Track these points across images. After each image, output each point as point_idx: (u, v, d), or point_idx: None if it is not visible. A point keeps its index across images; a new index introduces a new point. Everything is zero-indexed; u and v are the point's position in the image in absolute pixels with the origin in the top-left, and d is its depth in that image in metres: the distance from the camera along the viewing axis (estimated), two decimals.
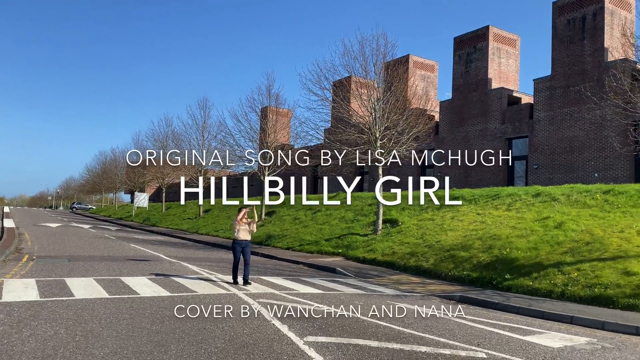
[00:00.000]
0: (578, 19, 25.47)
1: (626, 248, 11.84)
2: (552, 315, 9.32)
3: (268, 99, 29.92)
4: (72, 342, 5.88)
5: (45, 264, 13.01)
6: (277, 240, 22.18)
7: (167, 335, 6.36)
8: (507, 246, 13.65)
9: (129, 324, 6.89)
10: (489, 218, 16.44)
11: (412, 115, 20.35)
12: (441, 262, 14.36)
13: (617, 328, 8.49)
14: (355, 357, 5.72)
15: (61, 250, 17.13)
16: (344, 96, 22.33)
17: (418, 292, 11.54)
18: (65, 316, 7.18)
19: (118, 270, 12.49)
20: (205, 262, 15.45)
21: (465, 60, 30.87)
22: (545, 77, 26.21)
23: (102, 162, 71.75)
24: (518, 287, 11.68)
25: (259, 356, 5.63)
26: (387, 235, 18.40)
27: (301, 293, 10.22)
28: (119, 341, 6.00)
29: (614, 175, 22.96)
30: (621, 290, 10.28)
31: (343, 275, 13.99)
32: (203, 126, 36.86)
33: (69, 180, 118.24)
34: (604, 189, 15.93)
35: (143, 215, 46.80)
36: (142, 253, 17.40)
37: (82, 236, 24.20)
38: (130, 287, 9.87)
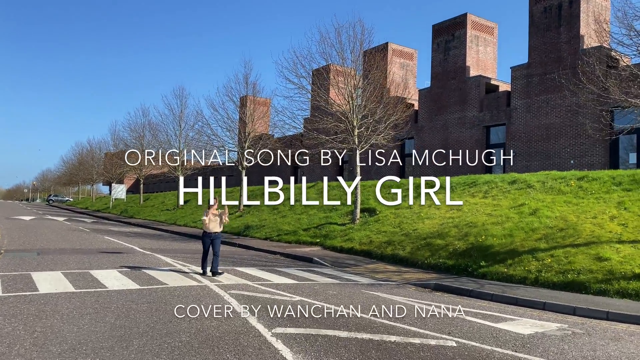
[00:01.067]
0: (554, 6, 25.53)
1: (599, 234, 11.93)
2: (525, 301, 9.33)
3: (246, 87, 29.56)
4: (30, 338, 5.66)
5: (13, 258, 12.65)
6: (255, 231, 21.99)
7: (130, 329, 6.17)
8: (482, 233, 13.68)
9: (92, 318, 6.68)
10: (466, 206, 16.47)
11: (390, 104, 20.25)
12: (417, 250, 14.34)
13: (588, 313, 8.53)
14: (322, 348, 5.61)
15: (32, 243, 16.72)
16: (322, 84, 22.11)
17: (394, 280, 11.49)
18: (26, 311, 6.93)
19: (88, 263, 12.19)
20: (180, 254, 15.21)
21: (443, 48, 30.82)
22: (522, 65, 26.29)
23: (79, 154, 70.60)
24: (493, 274, 11.71)
25: (224, 349, 5.48)
26: (365, 225, 18.34)
27: (275, 284, 10.08)
28: (80, 337, 5.79)
29: (589, 161, 23.19)
30: (593, 275, 10.35)
31: (319, 265, 13.89)
32: (180, 116, 36.31)
33: (46, 172, 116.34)
34: (578, 176, 16.05)
35: (121, 207, 46.13)
36: (116, 245, 17.07)
37: (55, 229, 23.70)
38: (99, 281, 9.62)
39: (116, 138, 52.54)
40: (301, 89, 21.10)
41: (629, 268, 10.25)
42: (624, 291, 9.69)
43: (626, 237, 11.56)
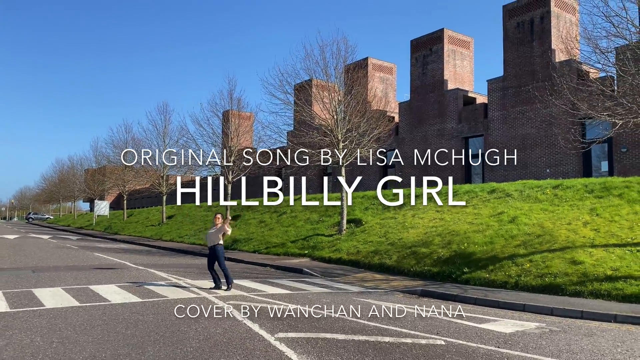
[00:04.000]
0: (527, 21, 26.66)
1: (573, 239, 12.67)
2: (506, 304, 9.96)
3: (230, 103, 30.02)
4: (50, 348, 6.06)
5: (9, 276, 12.88)
6: (243, 244, 22.37)
7: (142, 338, 6.60)
8: (465, 241, 14.34)
9: (103, 329, 7.08)
10: (448, 215, 17.15)
11: (373, 118, 20.94)
12: (403, 259, 14.93)
13: (565, 313, 9.19)
14: (324, 349, 6.11)
15: (23, 261, 16.88)
16: (306, 99, 22.73)
17: (382, 288, 12.03)
18: (39, 325, 7.30)
19: (85, 279, 12.50)
20: (173, 268, 15.55)
21: (422, 62, 31.78)
22: (498, 78, 27.31)
23: (60, 171, 70.08)
24: (476, 279, 12.34)
25: (234, 353, 5.95)
26: (352, 235, 18.89)
27: (270, 294, 10.55)
28: (96, 345, 6.21)
29: (564, 170, 24.16)
30: (569, 278, 11.05)
31: (310, 276, 14.37)
32: (164, 131, 36.59)
33: (24, 190, 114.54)
34: (554, 184, 16.87)
35: (104, 223, 45.97)
36: (108, 262, 17.33)
37: (42, 247, 23.75)
38: (100, 295, 9.98)
39: (98, 154, 52.38)
40: (287, 105, 21.69)
41: (601, 270, 10.97)
42: (597, 292, 10.38)
43: (598, 241, 12.31)
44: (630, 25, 12.12)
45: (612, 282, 10.51)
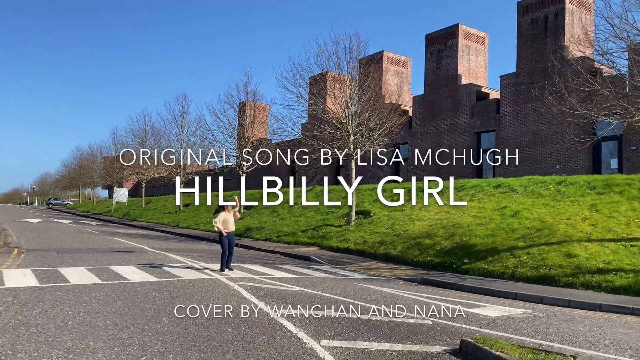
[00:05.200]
0: (541, 18, 26.84)
1: (571, 233, 13.15)
2: (499, 292, 10.53)
3: (246, 95, 30.81)
4: (78, 317, 6.82)
5: (36, 256, 13.79)
6: (255, 232, 23.15)
7: (159, 311, 7.34)
8: (467, 234, 14.88)
9: (124, 303, 7.84)
10: (453, 208, 17.68)
11: (384, 112, 21.47)
12: (408, 249, 15.53)
13: (553, 302, 9.74)
14: (320, 324, 6.78)
15: (47, 243, 17.85)
16: (319, 93, 23.34)
17: (385, 276, 12.67)
18: (67, 298, 8.09)
19: (106, 260, 13.35)
20: (188, 252, 16.37)
21: (436, 57, 32.11)
22: (510, 74, 27.56)
23: (79, 158, 71.74)
24: (475, 269, 12.90)
25: (240, 324, 6.65)
26: (360, 226, 19.53)
27: (277, 277, 11.26)
28: (118, 315, 6.96)
29: (573, 167, 24.46)
30: (562, 270, 11.56)
31: (317, 263, 15.06)
32: (182, 122, 37.50)
33: (45, 176, 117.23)
34: (557, 180, 17.28)
35: (123, 210, 47.20)
36: (126, 245, 18.22)
37: (64, 231, 24.81)
38: (120, 274, 10.78)
39: (118, 142, 53.63)
40: (300, 98, 22.33)
41: (594, 263, 11.46)
42: (588, 283, 10.89)
43: (595, 236, 12.78)
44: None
45: (603, 274, 11.00)
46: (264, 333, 6.28)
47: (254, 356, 5.38)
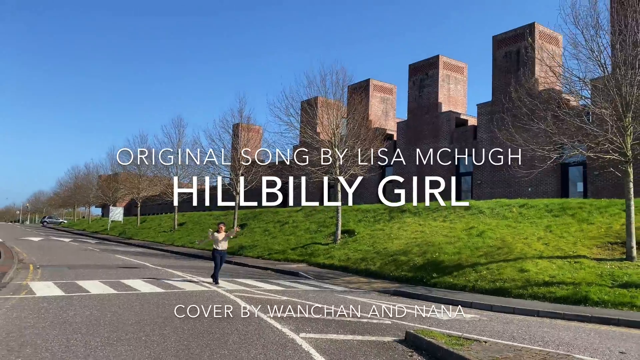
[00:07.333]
0: (514, 52, 29.09)
1: (526, 251, 14.98)
2: (458, 302, 12.23)
3: (240, 120, 32.68)
4: (105, 317, 8.50)
5: (51, 272, 15.40)
6: (248, 250, 24.79)
7: (171, 314, 9.03)
8: (437, 251, 16.67)
9: (140, 308, 9.52)
10: (428, 228, 19.50)
11: (368, 139, 23.40)
12: (385, 265, 17.28)
13: (501, 309, 11.52)
14: (300, 323, 8.50)
15: (57, 260, 19.42)
16: (309, 121, 25.26)
17: (363, 289, 14.39)
18: (92, 304, 9.76)
19: (115, 275, 14.99)
20: (187, 269, 18.02)
21: (419, 85, 34.26)
22: (487, 103, 29.70)
23: (75, 177, 73.09)
24: (442, 283, 14.66)
25: (237, 323, 8.35)
26: (345, 244, 21.27)
27: (267, 289, 12.96)
28: (138, 316, 8.65)
29: (544, 189, 26.43)
30: (515, 283, 13.36)
31: (304, 278, 16.76)
32: (178, 144, 39.26)
33: (38, 194, 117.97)
34: (521, 203, 19.19)
35: (118, 228, 48.60)
36: (130, 262, 19.83)
37: (67, 249, 26.33)
38: (131, 286, 12.44)
39: (114, 163, 55.20)
40: (291, 127, 24.24)
41: (541, 277, 13.28)
42: (535, 294, 12.68)
43: (546, 254, 14.62)
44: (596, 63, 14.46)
45: (548, 286, 12.81)
46: (255, 329, 8.00)
47: (247, 342, 7.09)
